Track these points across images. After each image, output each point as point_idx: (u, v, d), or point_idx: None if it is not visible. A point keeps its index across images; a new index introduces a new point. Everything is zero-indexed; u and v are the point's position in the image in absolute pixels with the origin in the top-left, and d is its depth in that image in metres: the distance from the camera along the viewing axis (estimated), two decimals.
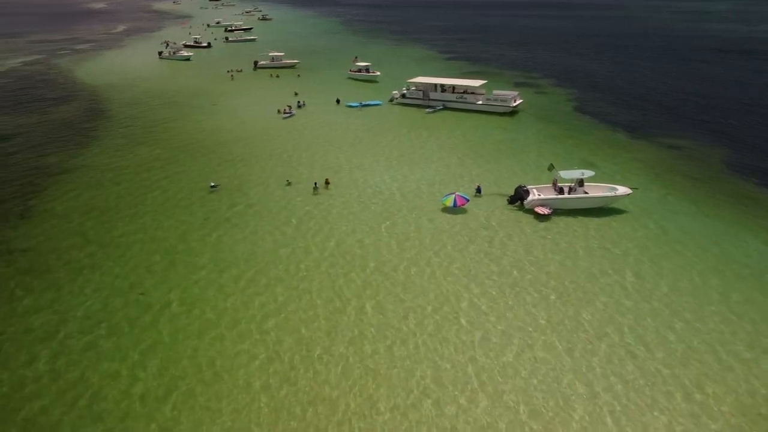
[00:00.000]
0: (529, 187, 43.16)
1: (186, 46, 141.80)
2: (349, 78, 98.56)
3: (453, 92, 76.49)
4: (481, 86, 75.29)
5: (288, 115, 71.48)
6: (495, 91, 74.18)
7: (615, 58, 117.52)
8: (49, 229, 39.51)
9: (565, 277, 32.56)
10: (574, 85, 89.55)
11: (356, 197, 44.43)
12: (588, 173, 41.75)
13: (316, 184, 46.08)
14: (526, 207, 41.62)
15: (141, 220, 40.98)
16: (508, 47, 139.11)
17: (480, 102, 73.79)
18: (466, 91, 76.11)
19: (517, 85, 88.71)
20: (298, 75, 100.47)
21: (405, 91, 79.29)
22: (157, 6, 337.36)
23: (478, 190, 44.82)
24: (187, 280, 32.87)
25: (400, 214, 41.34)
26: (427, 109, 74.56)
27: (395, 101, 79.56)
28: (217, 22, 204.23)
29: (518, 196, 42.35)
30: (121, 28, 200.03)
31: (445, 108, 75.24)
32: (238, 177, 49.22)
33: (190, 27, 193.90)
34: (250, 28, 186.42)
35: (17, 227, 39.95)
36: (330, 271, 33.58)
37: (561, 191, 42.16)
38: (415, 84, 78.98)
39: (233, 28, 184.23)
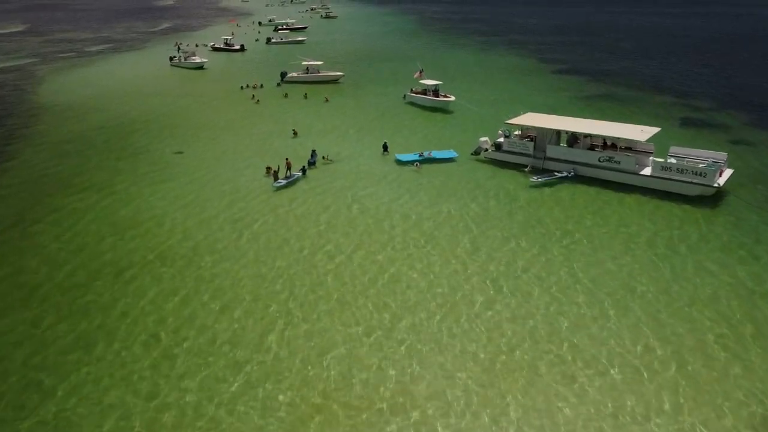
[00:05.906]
0: None
1: (214, 48, 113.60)
2: (409, 103, 64.85)
3: (592, 147, 41.37)
4: (650, 139, 39.40)
5: (286, 181, 39.23)
6: (674, 149, 38.71)
7: None
8: None
9: None
10: None
11: None
12: None
13: None
14: None
15: None
16: (641, 56, 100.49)
17: (648, 171, 38.09)
18: (618, 146, 40.58)
19: (684, 125, 52.26)
20: (326, 99, 66.46)
21: (502, 139, 44.67)
22: (225, 3, 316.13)
23: None
24: None
25: None
26: (536, 177, 39.74)
27: (484, 154, 45.22)
28: (270, 20, 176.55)
29: None
30: (164, 25, 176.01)
31: (576, 175, 40.14)
32: None
33: (237, 25, 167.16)
34: (304, 27, 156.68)
35: None
36: None
37: None
38: (521, 127, 44.38)
39: (282, 26, 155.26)
